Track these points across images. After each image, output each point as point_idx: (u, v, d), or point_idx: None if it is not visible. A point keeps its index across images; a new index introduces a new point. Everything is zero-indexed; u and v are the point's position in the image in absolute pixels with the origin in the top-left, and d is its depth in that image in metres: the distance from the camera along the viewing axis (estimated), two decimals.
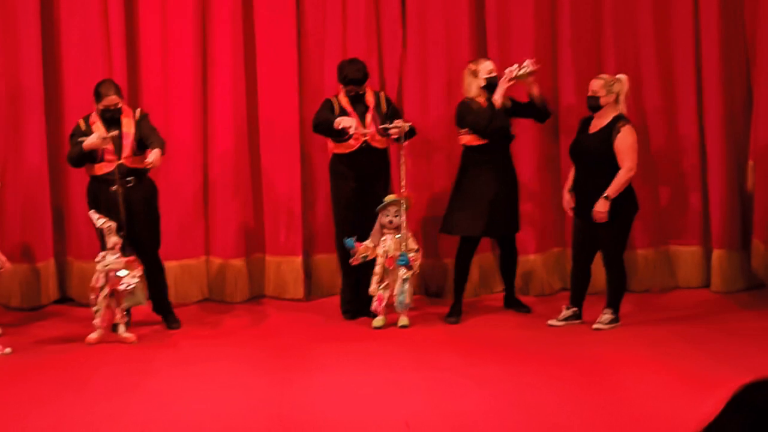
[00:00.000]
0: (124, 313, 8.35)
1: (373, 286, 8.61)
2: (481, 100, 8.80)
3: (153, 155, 8.35)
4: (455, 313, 8.90)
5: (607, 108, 8.36)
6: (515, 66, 8.61)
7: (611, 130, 8.29)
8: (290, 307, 9.49)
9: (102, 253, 8.25)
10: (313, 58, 9.71)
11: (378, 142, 8.79)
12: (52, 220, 9.51)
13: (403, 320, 8.63)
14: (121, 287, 8.17)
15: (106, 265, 8.18)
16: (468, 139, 8.83)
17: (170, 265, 9.06)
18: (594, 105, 8.38)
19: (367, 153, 8.78)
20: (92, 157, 8.45)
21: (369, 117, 8.78)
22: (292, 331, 8.71)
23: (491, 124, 8.67)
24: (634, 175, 8.32)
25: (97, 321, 8.26)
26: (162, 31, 9.55)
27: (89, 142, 8.35)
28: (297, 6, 9.65)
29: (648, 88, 9.63)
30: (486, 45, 9.65)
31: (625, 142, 8.27)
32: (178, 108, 9.55)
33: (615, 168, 8.25)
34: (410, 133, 8.74)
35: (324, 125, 8.73)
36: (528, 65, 8.63)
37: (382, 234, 8.61)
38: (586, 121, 8.49)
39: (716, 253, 9.53)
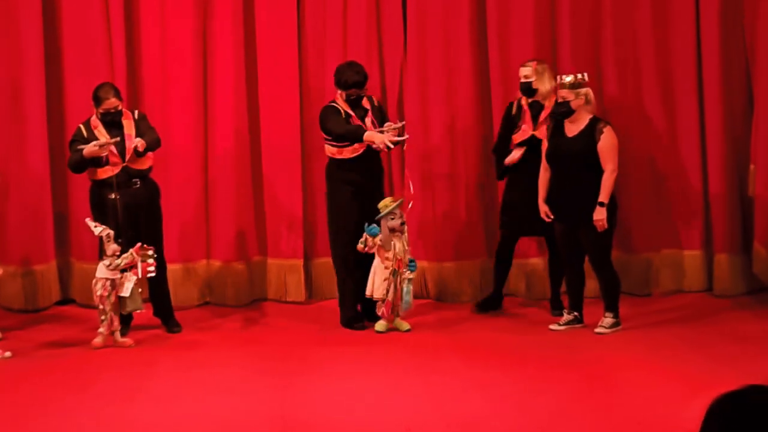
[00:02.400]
0: (119, 319, 8.34)
1: (382, 292, 8.57)
2: (522, 101, 8.99)
3: (138, 140, 8.35)
4: (482, 305, 9.19)
5: (581, 111, 8.36)
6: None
7: (593, 131, 8.30)
8: (291, 311, 9.49)
9: (103, 262, 8.24)
10: (314, 63, 9.71)
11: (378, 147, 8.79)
12: (53, 222, 9.52)
13: (405, 325, 8.62)
14: (123, 293, 8.19)
15: (113, 270, 8.19)
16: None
17: (171, 268, 9.05)
18: (566, 110, 8.37)
19: (368, 157, 8.77)
20: (95, 161, 8.44)
21: (368, 120, 8.76)
22: (294, 334, 8.70)
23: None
24: (618, 176, 8.34)
25: (103, 329, 8.26)
26: (162, 34, 9.56)
27: (89, 150, 8.33)
28: (298, 10, 9.66)
29: (648, 92, 9.63)
30: (487, 51, 9.65)
31: (608, 142, 8.28)
32: (178, 110, 9.55)
33: (594, 169, 8.25)
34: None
35: (352, 136, 8.62)
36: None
37: (391, 238, 8.56)
38: (558, 126, 8.47)
39: (718, 257, 9.53)
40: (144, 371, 7.69)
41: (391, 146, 8.55)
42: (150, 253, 8.26)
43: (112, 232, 8.22)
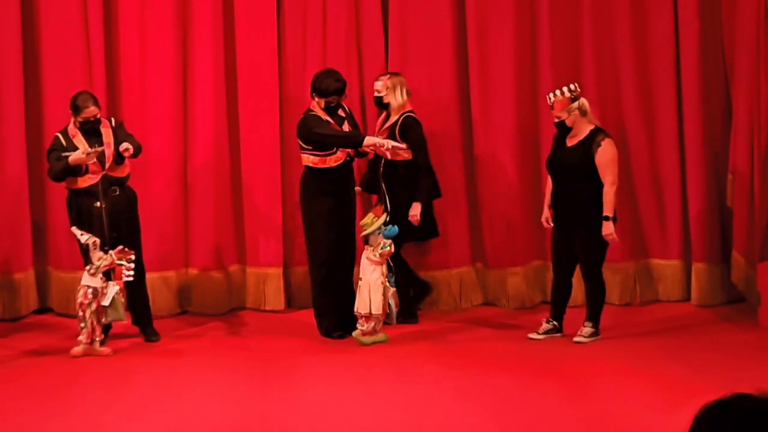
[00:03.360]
0: (101, 328, 8.30)
1: (379, 308, 8.44)
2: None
3: (124, 144, 8.33)
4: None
5: (578, 123, 8.39)
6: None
7: (591, 143, 8.32)
8: (270, 319, 9.46)
9: (87, 269, 8.21)
10: (294, 72, 9.69)
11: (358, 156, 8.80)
12: (31, 231, 9.48)
13: (383, 336, 8.59)
14: (104, 302, 8.16)
15: (93, 274, 8.16)
16: None
17: (149, 277, 9.01)
18: (562, 128, 8.42)
19: (348, 167, 8.78)
20: (75, 170, 8.42)
21: (345, 127, 8.76)
22: (273, 343, 8.67)
23: None
24: (617, 188, 8.37)
25: (82, 337, 8.22)
26: (141, 43, 9.53)
27: (76, 157, 8.31)
28: (278, 21, 9.65)
29: (627, 103, 9.65)
30: (467, 64, 9.65)
31: (606, 155, 8.30)
32: (157, 119, 9.52)
33: (593, 180, 8.28)
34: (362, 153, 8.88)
35: (351, 141, 8.61)
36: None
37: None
38: (561, 135, 8.50)
39: (696, 267, 9.55)
40: (122, 380, 7.66)
41: (390, 148, 8.57)
42: (131, 257, 8.23)
43: (98, 240, 8.19)
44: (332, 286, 8.76)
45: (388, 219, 8.57)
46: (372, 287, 8.47)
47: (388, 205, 8.77)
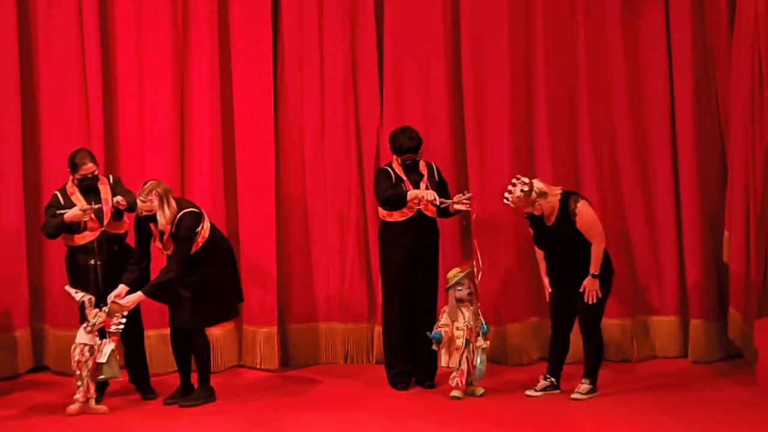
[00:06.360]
0: (96, 385, 8.28)
1: (454, 361, 8.50)
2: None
3: (118, 197, 8.39)
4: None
5: (545, 205, 8.42)
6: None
7: (567, 215, 8.35)
8: (266, 378, 9.43)
9: (83, 326, 8.21)
10: (292, 124, 9.76)
11: (430, 212, 8.83)
12: (28, 289, 9.47)
13: (479, 390, 8.59)
14: (100, 359, 8.15)
15: (90, 331, 8.15)
16: None
17: (146, 335, 9.00)
18: (534, 218, 8.47)
19: (419, 221, 8.82)
20: (70, 227, 8.45)
21: (423, 186, 8.79)
22: (269, 401, 8.65)
23: None
24: (606, 244, 8.39)
25: (78, 395, 8.20)
26: (139, 101, 9.57)
27: (71, 214, 8.37)
28: (274, 75, 9.71)
29: (623, 162, 9.70)
30: (463, 117, 9.70)
31: (585, 219, 8.35)
32: (155, 175, 9.50)
33: (583, 245, 8.35)
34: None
35: (396, 198, 8.71)
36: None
37: (459, 308, 8.53)
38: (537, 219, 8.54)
39: (693, 323, 9.55)
40: None
41: (437, 201, 8.63)
42: (124, 312, 8.24)
43: (92, 298, 8.21)
44: (398, 337, 8.86)
45: (476, 273, 8.55)
46: (451, 341, 8.54)
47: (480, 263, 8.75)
